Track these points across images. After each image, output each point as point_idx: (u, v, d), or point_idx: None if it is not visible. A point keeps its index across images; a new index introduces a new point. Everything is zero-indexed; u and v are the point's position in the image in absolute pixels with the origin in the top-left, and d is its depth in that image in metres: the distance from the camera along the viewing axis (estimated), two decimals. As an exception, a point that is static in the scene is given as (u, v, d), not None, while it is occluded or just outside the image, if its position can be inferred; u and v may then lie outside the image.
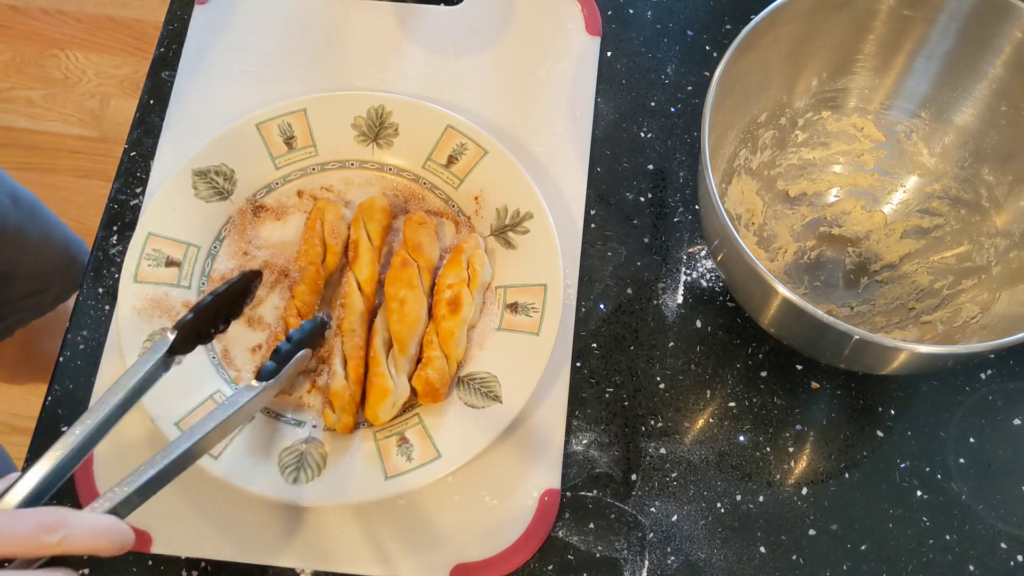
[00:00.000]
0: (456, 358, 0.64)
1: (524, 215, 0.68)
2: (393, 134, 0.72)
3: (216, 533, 0.63)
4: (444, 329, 0.64)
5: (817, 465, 0.66)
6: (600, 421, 0.67)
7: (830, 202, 0.73)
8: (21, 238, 0.90)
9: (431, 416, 0.64)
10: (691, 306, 0.70)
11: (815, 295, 0.70)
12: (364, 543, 0.63)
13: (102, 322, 0.69)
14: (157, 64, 0.78)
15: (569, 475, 0.65)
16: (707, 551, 0.63)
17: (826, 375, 0.68)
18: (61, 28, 1.73)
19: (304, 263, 0.66)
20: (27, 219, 0.91)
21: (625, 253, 0.72)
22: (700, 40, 0.79)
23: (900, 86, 0.69)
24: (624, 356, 0.69)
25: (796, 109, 0.70)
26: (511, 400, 0.63)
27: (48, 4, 1.74)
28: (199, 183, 0.69)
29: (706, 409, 0.67)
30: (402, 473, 0.61)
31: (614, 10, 0.80)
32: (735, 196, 0.70)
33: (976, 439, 0.67)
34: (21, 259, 0.92)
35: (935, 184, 0.71)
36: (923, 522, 0.64)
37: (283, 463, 0.62)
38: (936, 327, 0.66)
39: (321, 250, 0.67)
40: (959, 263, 0.69)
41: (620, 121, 0.76)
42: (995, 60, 0.64)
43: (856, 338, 0.53)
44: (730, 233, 0.55)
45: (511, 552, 0.62)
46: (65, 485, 0.64)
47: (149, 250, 0.67)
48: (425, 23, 0.79)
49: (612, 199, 0.73)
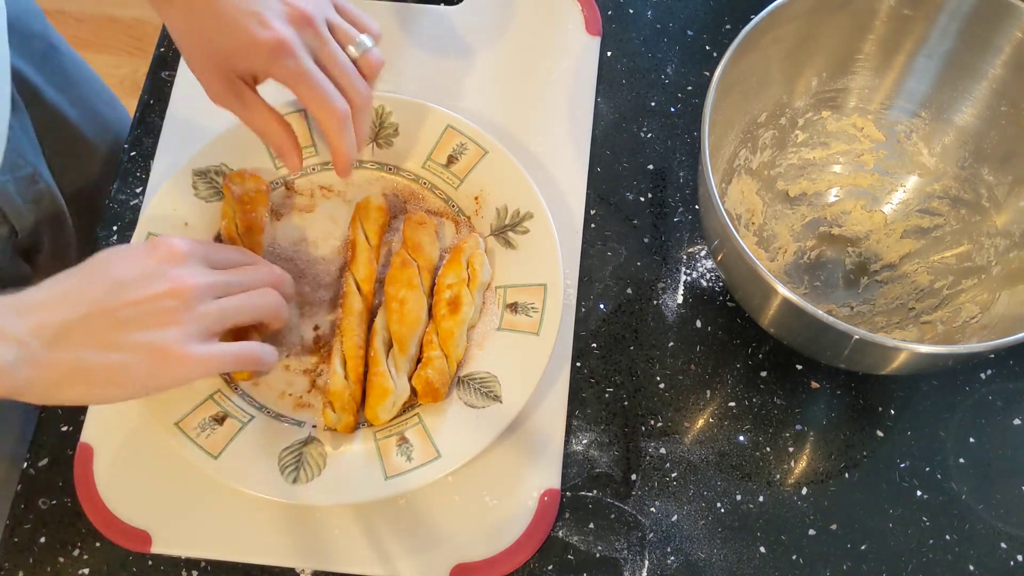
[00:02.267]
0: (456, 358, 0.64)
1: (524, 215, 0.68)
2: (393, 134, 0.72)
3: (216, 533, 0.63)
4: (444, 329, 0.64)
5: (817, 465, 0.66)
6: (600, 421, 0.67)
7: (830, 202, 0.73)
8: None
9: (431, 416, 0.64)
10: (691, 306, 0.70)
11: (815, 295, 0.70)
12: (364, 543, 0.63)
13: (102, 322, 0.69)
14: (157, 64, 0.78)
15: (569, 475, 0.65)
16: (707, 551, 0.63)
17: (826, 375, 0.68)
18: (61, 28, 1.72)
19: None
20: None
21: (625, 253, 0.72)
22: (700, 40, 0.79)
23: (900, 86, 0.69)
24: (624, 356, 0.69)
25: (796, 109, 0.70)
26: (511, 400, 0.63)
27: (48, 4, 1.74)
28: (199, 183, 0.69)
29: (706, 409, 0.67)
30: (402, 473, 0.61)
31: (614, 10, 0.80)
32: (735, 196, 0.70)
33: (976, 439, 0.67)
34: None
35: (935, 184, 0.71)
36: (923, 522, 0.64)
37: (283, 463, 0.62)
38: (936, 327, 0.66)
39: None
40: (959, 263, 0.69)
41: (620, 121, 0.76)
42: (995, 60, 0.64)
43: (856, 338, 0.53)
44: (730, 233, 0.55)
45: (511, 552, 0.62)
46: (65, 485, 0.64)
47: (149, 250, 0.67)
48: (425, 23, 0.79)
49: (612, 199, 0.73)
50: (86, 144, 0.90)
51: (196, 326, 0.54)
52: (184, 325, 0.54)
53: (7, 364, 0.50)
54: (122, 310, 0.52)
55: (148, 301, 0.53)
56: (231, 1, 0.58)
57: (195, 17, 0.59)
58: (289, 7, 0.59)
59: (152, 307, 0.53)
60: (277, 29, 0.58)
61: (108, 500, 0.63)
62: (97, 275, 0.54)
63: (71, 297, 0.52)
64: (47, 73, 0.85)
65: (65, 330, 0.51)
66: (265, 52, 0.58)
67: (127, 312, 0.52)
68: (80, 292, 0.53)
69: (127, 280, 0.53)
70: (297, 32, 0.59)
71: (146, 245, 0.56)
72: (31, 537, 0.63)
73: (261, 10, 0.58)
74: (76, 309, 0.52)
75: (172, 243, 0.56)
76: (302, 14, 0.59)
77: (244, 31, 0.58)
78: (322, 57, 0.60)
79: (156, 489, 0.63)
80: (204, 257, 0.58)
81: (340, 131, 0.62)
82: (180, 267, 0.55)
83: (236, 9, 0.58)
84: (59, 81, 0.86)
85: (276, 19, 0.58)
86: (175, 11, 0.60)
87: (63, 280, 0.54)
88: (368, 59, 0.62)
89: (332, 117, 0.61)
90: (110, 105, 0.96)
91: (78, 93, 0.89)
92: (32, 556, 0.63)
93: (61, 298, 0.52)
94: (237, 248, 0.63)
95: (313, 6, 0.60)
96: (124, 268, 0.54)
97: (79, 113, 0.88)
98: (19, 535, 0.63)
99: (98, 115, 0.92)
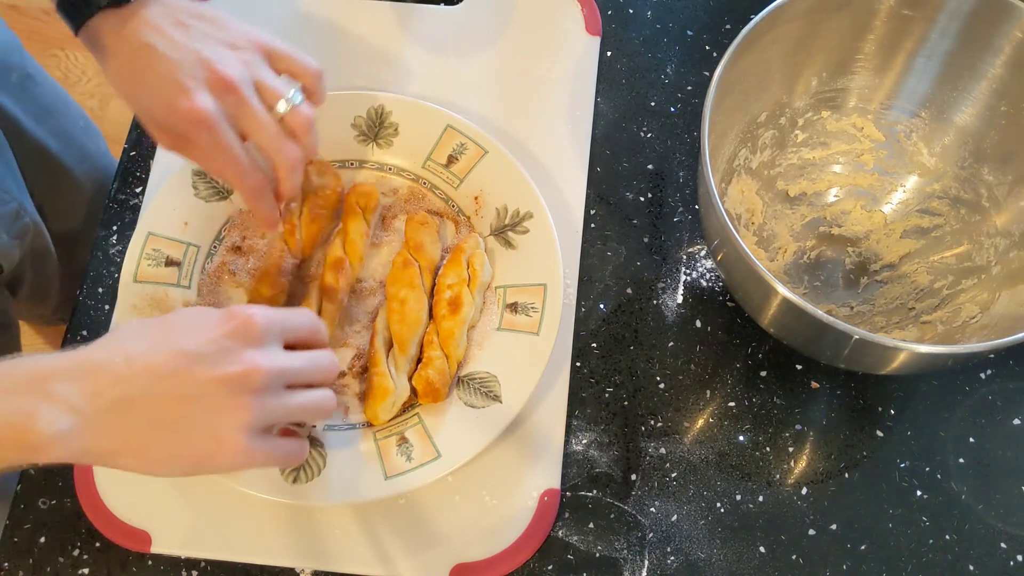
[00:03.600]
0: (456, 358, 0.64)
1: (524, 215, 0.68)
2: (393, 134, 0.72)
3: (216, 533, 0.63)
4: (444, 329, 0.64)
5: (817, 465, 0.66)
6: (600, 421, 0.67)
7: (830, 202, 0.73)
8: None
9: (431, 416, 0.64)
10: (691, 306, 0.70)
11: (815, 295, 0.70)
12: (364, 543, 0.63)
13: (102, 322, 0.69)
14: (157, 64, 0.78)
15: (569, 475, 0.65)
16: (707, 551, 0.63)
17: (826, 375, 0.68)
18: (61, 28, 1.72)
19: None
20: None
21: (625, 253, 0.72)
22: (700, 40, 0.79)
23: (900, 86, 0.69)
24: (624, 356, 0.69)
25: (796, 109, 0.70)
26: (511, 400, 0.63)
27: (48, 4, 1.74)
28: (199, 183, 0.69)
29: (706, 409, 0.67)
30: (402, 473, 0.61)
31: (614, 10, 0.80)
32: (735, 196, 0.70)
33: (976, 439, 0.67)
34: None
35: (935, 184, 0.71)
36: (923, 522, 0.64)
37: (283, 463, 0.62)
38: (936, 327, 0.66)
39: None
40: (959, 263, 0.69)
41: (620, 121, 0.76)
42: (995, 60, 0.64)
43: (856, 338, 0.53)
44: (730, 233, 0.55)
45: (511, 552, 0.62)
46: (65, 485, 0.64)
47: (149, 250, 0.67)
48: (425, 23, 0.79)
49: (612, 199, 0.73)
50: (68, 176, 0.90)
51: (259, 419, 0.51)
52: (248, 415, 0.50)
53: (60, 433, 0.47)
54: (188, 387, 0.49)
55: (217, 383, 0.49)
56: (158, 67, 0.57)
57: (125, 78, 0.59)
58: (213, 74, 0.57)
59: (220, 389, 0.49)
60: (196, 101, 0.56)
61: (108, 500, 0.63)
62: (166, 342, 0.50)
63: (135, 363, 0.49)
64: (26, 104, 0.84)
65: (125, 402, 0.48)
66: (184, 123, 0.57)
67: (193, 390, 0.49)
68: (146, 359, 0.49)
69: (198, 354, 0.49)
70: (218, 101, 0.57)
71: (222, 315, 0.52)
72: (31, 537, 0.63)
73: (184, 79, 0.56)
74: (138, 379, 0.48)
75: (249, 317, 0.51)
76: (225, 81, 0.57)
77: (166, 100, 0.57)
78: (244, 123, 0.58)
79: (156, 489, 0.63)
80: (280, 332, 0.53)
81: (256, 200, 0.61)
82: (255, 347, 0.51)
83: (161, 77, 0.57)
84: (38, 112, 0.85)
85: (197, 89, 0.56)
86: (110, 67, 0.59)
87: (127, 339, 0.50)
88: (296, 116, 0.60)
89: (245, 189, 0.60)
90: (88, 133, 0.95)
91: (58, 123, 0.88)
92: (32, 556, 0.63)
93: (124, 363, 0.49)
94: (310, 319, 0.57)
95: (238, 70, 0.58)
96: (195, 339, 0.50)
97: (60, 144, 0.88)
98: (19, 535, 0.63)
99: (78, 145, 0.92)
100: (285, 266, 0.66)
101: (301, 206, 0.67)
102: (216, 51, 0.58)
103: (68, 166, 0.89)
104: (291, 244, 0.67)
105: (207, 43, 0.58)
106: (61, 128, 0.89)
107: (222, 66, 0.57)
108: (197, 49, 0.58)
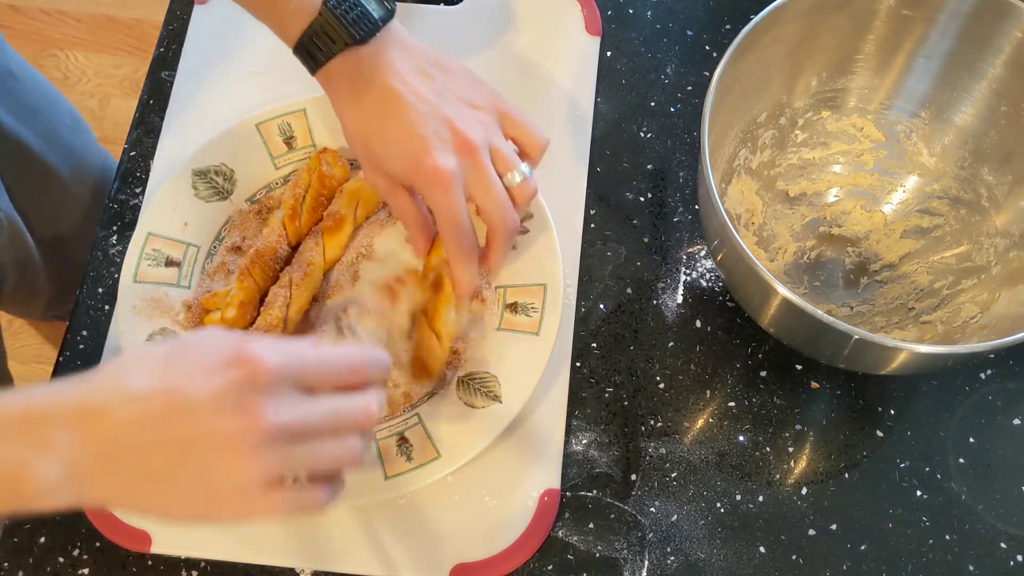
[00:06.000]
0: (447, 335, 0.64)
1: (524, 215, 0.68)
2: (393, 134, 0.72)
3: (216, 533, 0.63)
4: (430, 309, 0.64)
5: (817, 465, 0.66)
6: (600, 421, 0.67)
7: (830, 202, 0.73)
8: None
9: (431, 416, 0.64)
10: (691, 306, 0.70)
11: (815, 295, 0.70)
12: (364, 543, 0.63)
13: (102, 322, 0.69)
14: (157, 64, 0.78)
15: (569, 475, 0.65)
16: (707, 551, 0.63)
17: (826, 375, 0.68)
18: (60, 28, 1.73)
19: None
20: None
21: (625, 253, 0.72)
22: (700, 40, 0.79)
23: (900, 86, 0.69)
24: (624, 356, 0.69)
25: (796, 109, 0.70)
26: (511, 400, 0.63)
27: (48, 4, 1.74)
28: (199, 183, 0.69)
29: (706, 409, 0.67)
30: (402, 473, 0.61)
31: (614, 10, 0.80)
32: (735, 196, 0.70)
33: (976, 439, 0.67)
34: None
35: (935, 184, 0.71)
36: (923, 522, 0.64)
37: (283, 463, 0.62)
38: (936, 327, 0.66)
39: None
40: (959, 263, 0.69)
41: (620, 121, 0.76)
42: (995, 60, 0.64)
43: (856, 338, 0.53)
44: (730, 233, 0.55)
45: (511, 552, 0.62)
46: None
47: (149, 250, 0.67)
48: (425, 23, 0.79)
49: (612, 199, 0.73)
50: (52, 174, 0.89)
51: (259, 475, 0.45)
52: (245, 473, 0.45)
53: (49, 485, 0.44)
54: (180, 438, 0.45)
55: (212, 437, 0.45)
56: (405, 119, 0.57)
57: (369, 124, 0.59)
58: (456, 135, 0.57)
59: (216, 442, 0.45)
60: (441, 161, 0.56)
61: (108, 500, 0.63)
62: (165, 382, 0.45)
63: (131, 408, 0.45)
64: (7, 103, 0.83)
65: (120, 451, 0.45)
66: (423, 179, 0.57)
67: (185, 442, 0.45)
68: (141, 405, 0.45)
69: (196, 402, 0.45)
70: (459, 162, 0.57)
71: (230, 354, 0.46)
72: (31, 537, 0.63)
73: (430, 136, 0.57)
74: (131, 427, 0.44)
75: (260, 360, 0.45)
76: (468, 145, 0.57)
77: (410, 154, 0.57)
78: (476, 187, 0.59)
79: (156, 489, 0.63)
80: (297, 376, 0.47)
81: (462, 263, 0.60)
82: (261, 395, 0.45)
83: (406, 130, 0.57)
84: (20, 111, 0.85)
85: (443, 149, 0.57)
86: (350, 110, 0.59)
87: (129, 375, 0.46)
88: (523, 188, 0.60)
89: (457, 251, 0.60)
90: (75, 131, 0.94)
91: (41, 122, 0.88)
92: (32, 556, 0.63)
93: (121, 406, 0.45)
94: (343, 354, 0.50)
95: (480, 135, 0.58)
96: (196, 384, 0.45)
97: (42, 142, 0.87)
98: (19, 535, 0.63)
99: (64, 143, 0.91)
100: (280, 252, 0.67)
101: (306, 192, 0.67)
102: (459, 110, 0.58)
103: (52, 164, 0.88)
104: (291, 229, 0.67)
105: (450, 99, 0.58)
106: (45, 126, 0.88)
107: (465, 127, 0.57)
108: (440, 105, 0.58)
